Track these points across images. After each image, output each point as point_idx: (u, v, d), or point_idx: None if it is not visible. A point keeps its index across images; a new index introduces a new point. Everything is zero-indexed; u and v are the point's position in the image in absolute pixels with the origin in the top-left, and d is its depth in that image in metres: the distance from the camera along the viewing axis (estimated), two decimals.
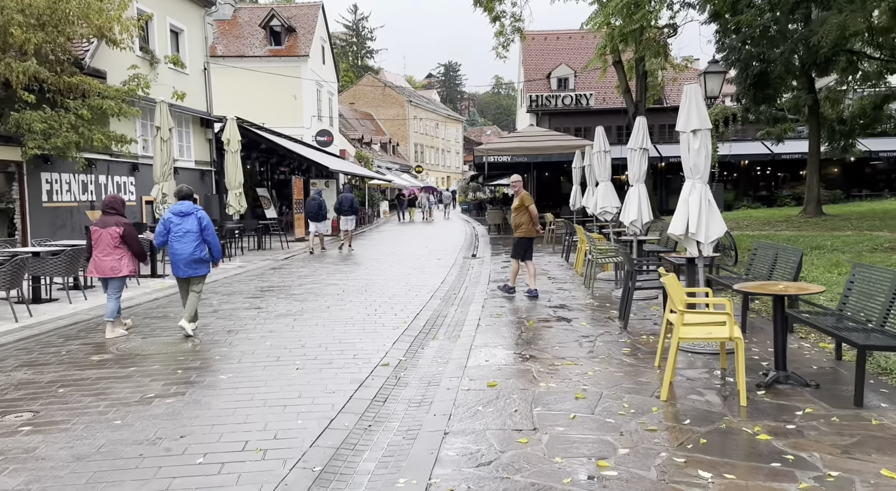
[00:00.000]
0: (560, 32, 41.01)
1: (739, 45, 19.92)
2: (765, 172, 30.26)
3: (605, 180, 10.64)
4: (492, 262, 13.91)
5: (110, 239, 6.95)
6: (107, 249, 6.96)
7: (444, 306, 8.67)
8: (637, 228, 8.57)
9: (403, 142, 66.54)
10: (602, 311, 7.93)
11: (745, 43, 19.68)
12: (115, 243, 6.96)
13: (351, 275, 11.83)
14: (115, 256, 6.97)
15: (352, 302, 8.86)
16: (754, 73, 19.67)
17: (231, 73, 32.07)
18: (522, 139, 20.42)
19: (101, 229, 6.98)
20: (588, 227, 13.75)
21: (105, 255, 6.96)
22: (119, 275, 6.99)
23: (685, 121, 5.80)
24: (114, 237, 6.95)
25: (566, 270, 11.98)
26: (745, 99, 20.73)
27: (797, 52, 19.01)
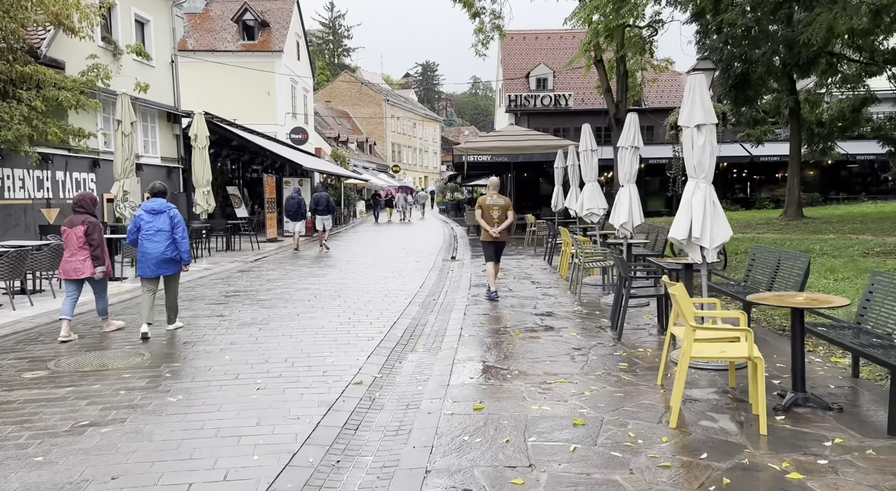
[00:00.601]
0: (539, 32, 40.72)
1: (721, 45, 19.69)
2: (742, 175, 30.25)
3: (592, 180, 10.17)
4: (472, 264, 13.37)
5: (75, 239, 6.62)
6: (72, 250, 6.64)
7: (423, 314, 8.10)
8: (628, 231, 8.08)
9: (380, 141, 65.78)
10: (592, 319, 7.43)
11: (727, 43, 19.45)
12: (81, 243, 6.63)
13: (324, 278, 11.18)
14: (80, 257, 6.63)
15: (323, 309, 8.23)
16: (736, 74, 19.46)
17: (202, 68, 31.09)
18: (503, 138, 19.94)
19: (69, 229, 6.67)
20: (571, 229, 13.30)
21: (70, 255, 6.65)
22: (81, 276, 6.64)
23: (688, 114, 5.31)
24: (79, 237, 6.63)
25: (550, 274, 11.49)
26: (726, 100, 20.52)
27: (779, 54, 18.83)
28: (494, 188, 9.06)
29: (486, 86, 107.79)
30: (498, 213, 8.84)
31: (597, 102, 36.56)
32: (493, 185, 9.10)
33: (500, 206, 8.87)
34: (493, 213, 8.84)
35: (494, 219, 8.83)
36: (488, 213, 8.87)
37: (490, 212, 8.86)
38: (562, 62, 37.98)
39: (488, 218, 8.86)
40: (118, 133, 13.11)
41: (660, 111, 34.99)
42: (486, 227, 8.86)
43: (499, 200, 8.92)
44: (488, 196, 9.03)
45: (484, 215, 8.90)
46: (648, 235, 10.93)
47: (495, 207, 8.86)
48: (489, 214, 8.86)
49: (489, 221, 8.85)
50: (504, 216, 8.86)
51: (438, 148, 79.56)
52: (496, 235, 8.84)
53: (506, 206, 8.91)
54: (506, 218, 8.86)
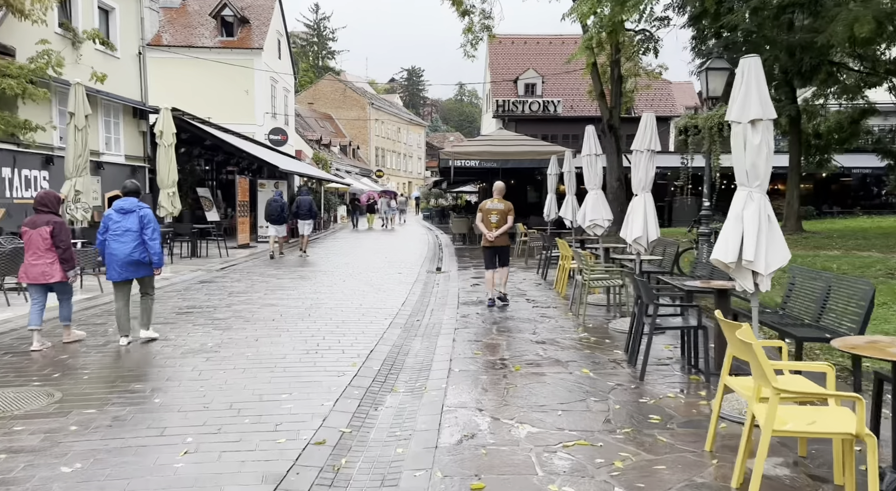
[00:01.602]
0: (528, 37, 39.94)
1: (719, 50, 18.90)
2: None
3: (596, 188, 9.13)
4: (459, 276, 12.27)
5: (41, 240, 6.24)
6: (37, 252, 6.25)
7: (405, 339, 6.97)
8: (643, 247, 7.05)
9: (364, 145, 64.60)
10: (602, 349, 6.36)
11: (727, 48, 18.66)
12: (47, 245, 6.26)
13: (294, 292, 10.00)
14: (47, 260, 6.25)
15: (288, 332, 7.06)
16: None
17: (178, 64, 29.76)
18: (492, 143, 18.91)
19: (31, 230, 6.28)
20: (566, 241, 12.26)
21: (36, 258, 6.24)
22: (51, 280, 6.25)
23: (741, 107, 4.27)
24: (44, 238, 6.24)
25: (545, 290, 10.43)
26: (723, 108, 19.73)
27: (780, 60, 18.07)
28: (499, 193, 8.90)
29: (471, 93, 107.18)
30: (496, 217, 8.68)
31: (586, 109, 35.80)
32: (497, 189, 8.95)
33: (500, 211, 8.70)
34: (492, 218, 8.70)
35: (493, 223, 8.69)
36: (487, 217, 8.75)
37: (489, 216, 8.73)
38: (551, 68, 37.19)
39: (487, 222, 8.74)
40: (70, 127, 11.86)
41: None
42: (484, 232, 8.76)
43: (499, 205, 8.75)
44: (490, 200, 8.91)
45: (483, 219, 8.80)
46: (655, 250, 9.92)
47: (494, 212, 8.71)
48: (487, 219, 8.74)
49: (487, 225, 8.73)
50: (503, 221, 8.67)
51: (423, 153, 78.57)
52: (492, 240, 8.67)
53: (505, 210, 8.72)
54: (504, 222, 8.68)
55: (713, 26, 19.49)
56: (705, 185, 10.26)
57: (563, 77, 37.28)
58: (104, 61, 16.04)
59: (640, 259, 7.39)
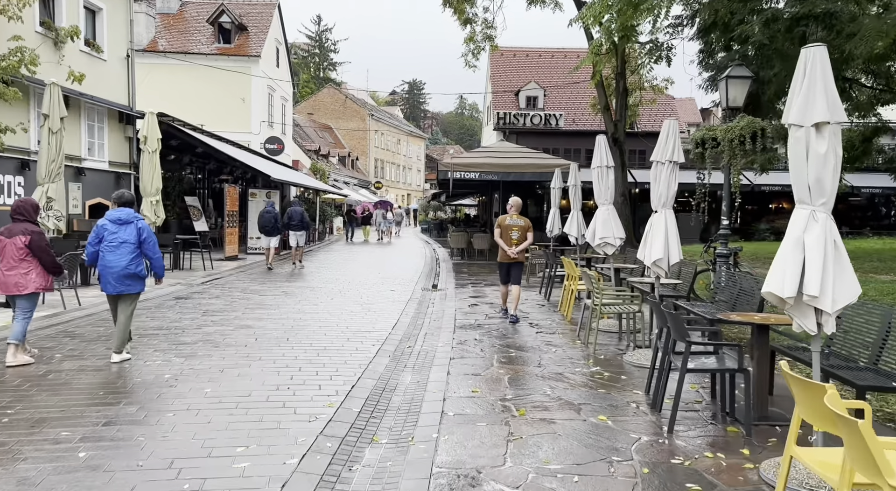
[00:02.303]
0: (530, 50, 39.46)
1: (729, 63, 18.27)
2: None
3: (607, 203, 8.35)
4: (456, 295, 11.46)
5: (15, 250, 6.06)
6: (11, 262, 6.07)
7: (393, 370, 6.15)
8: (663, 270, 6.24)
9: (363, 156, 64.03)
10: (619, 388, 5.54)
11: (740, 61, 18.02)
12: (22, 255, 6.07)
13: (276, 311, 9.17)
14: (21, 271, 6.07)
15: (260, 361, 6.22)
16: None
17: (173, 71, 29.16)
18: (493, 155, 18.18)
19: (6, 239, 6.11)
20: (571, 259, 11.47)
21: (9, 268, 6.06)
22: (25, 292, 6.05)
23: (803, 108, 3.50)
24: (19, 248, 6.07)
25: (549, 313, 9.61)
26: None
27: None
28: (516, 209, 8.91)
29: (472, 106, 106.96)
30: (517, 233, 8.75)
31: (588, 123, 35.20)
32: (514, 206, 8.94)
33: (520, 227, 8.77)
34: (512, 234, 8.76)
35: (513, 239, 8.75)
36: (507, 233, 8.79)
37: (509, 232, 8.78)
38: (553, 81, 36.63)
39: (506, 238, 8.78)
40: (45, 129, 11.15)
41: (653, 135, 33.66)
42: (504, 248, 8.77)
43: (518, 221, 8.81)
44: (508, 216, 8.92)
45: (502, 235, 8.82)
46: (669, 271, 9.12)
47: (515, 228, 8.77)
48: (507, 235, 8.78)
49: (507, 242, 8.77)
50: (523, 237, 8.76)
51: (423, 166, 78.03)
52: (514, 256, 8.74)
53: (525, 227, 8.80)
54: (525, 239, 8.77)
55: (723, 39, 18.89)
56: (724, 203, 9.50)
57: (565, 90, 36.73)
58: (89, 63, 15.32)
59: (659, 283, 6.58)
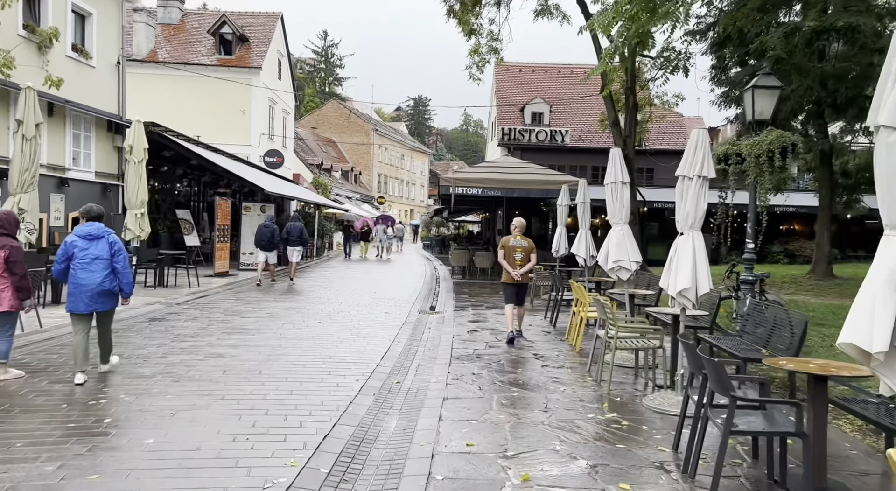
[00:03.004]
0: (536, 65, 38.99)
1: (746, 79, 17.55)
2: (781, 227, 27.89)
3: (622, 223, 7.54)
4: (455, 319, 10.61)
5: None
6: None
7: (377, 413, 5.30)
8: (689, 301, 5.41)
9: (367, 171, 63.55)
10: (640, 443, 4.68)
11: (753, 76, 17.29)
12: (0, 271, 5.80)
13: (255, 336, 8.34)
14: None
15: (223, 400, 5.38)
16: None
17: (173, 82, 28.64)
18: (497, 170, 17.43)
19: None
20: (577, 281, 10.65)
21: None
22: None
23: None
24: None
25: (556, 342, 8.75)
26: None
27: (812, 90, 16.69)
28: (520, 229, 8.77)
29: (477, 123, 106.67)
30: (521, 254, 8.61)
31: (595, 140, 34.53)
32: (518, 227, 8.79)
33: (524, 248, 8.64)
34: (516, 255, 8.61)
35: (517, 261, 8.60)
36: (511, 254, 8.62)
37: (513, 253, 8.62)
38: (559, 97, 36.04)
39: (510, 260, 8.62)
40: (18, 136, 10.42)
41: (661, 153, 32.90)
42: (509, 269, 8.61)
43: (522, 242, 8.66)
44: (512, 237, 8.76)
45: (506, 256, 8.64)
46: None
47: (518, 249, 8.62)
48: (511, 256, 8.61)
49: (511, 263, 8.61)
50: (527, 258, 8.63)
51: (426, 181, 77.46)
52: (518, 278, 8.56)
53: (529, 248, 8.68)
54: (528, 260, 8.63)
55: (737, 53, 18.21)
56: (749, 225, 8.68)
57: (572, 106, 36.12)
58: (76, 69, 14.70)
59: (685, 316, 5.74)
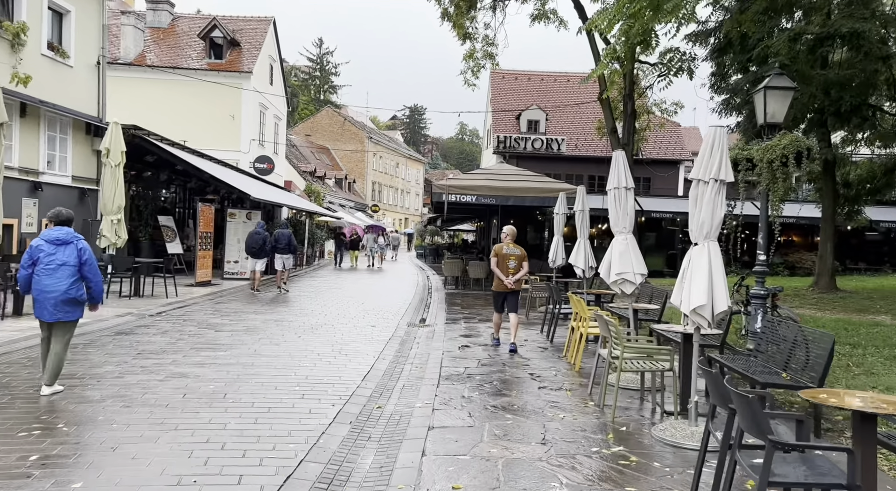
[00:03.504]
0: (532, 73, 38.59)
1: (748, 86, 17.10)
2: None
3: (626, 232, 6.95)
4: (446, 333, 9.98)
5: None
6: None
7: (352, 446, 4.66)
8: (705, 320, 4.81)
9: (361, 179, 62.99)
10: (653, 484, 4.04)
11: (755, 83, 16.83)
12: None
13: (225, 354, 7.67)
14: None
15: (176, 430, 4.72)
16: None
17: (161, 86, 28.08)
18: (492, 177, 16.86)
19: None
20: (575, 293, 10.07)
21: None
22: None
23: None
24: None
25: (553, 360, 8.13)
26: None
27: (815, 98, 16.23)
28: (511, 237, 8.83)
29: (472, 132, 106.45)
30: (514, 262, 8.65)
31: (591, 149, 34.08)
32: (510, 235, 8.86)
33: (517, 256, 8.68)
34: (509, 263, 8.64)
35: (510, 269, 8.63)
36: (504, 262, 8.66)
37: (506, 262, 8.65)
38: (556, 105, 35.61)
39: (504, 268, 8.65)
40: None
41: (658, 163, 32.46)
42: (502, 277, 8.64)
43: (515, 250, 8.72)
44: (504, 245, 8.80)
45: (499, 264, 8.68)
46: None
47: (512, 257, 8.67)
48: (504, 264, 8.65)
49: (504, 271, 8.64)
50: (520, 266, 8.67)
51: (421, 190, 76.96)
52: (511, 286, 8.59)
53: (522, 256, 8.72)
54: (521, 268, 8.67)
55: (738, 60, 17.78)
56: (760, 235, 8.12)
57: (568, 115, 35.70)
58: (52, 69, 14.08)
59: (700, 335, 5.13)
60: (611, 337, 5.83)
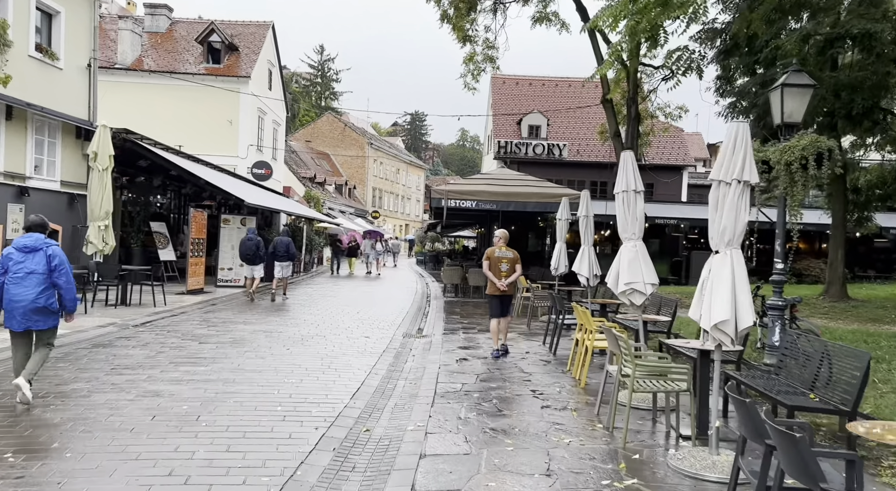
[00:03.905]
0: (533, 78, 38.22)
1: (755, 88, 16.66)
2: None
3: (635, 238, 6.47)
4: (444, 344, 9.49)
5: None
6: None
7: (331, 479, 4.17)
8: (728, 337, 4.32)
9: (361, 185, 62.62)
10: None
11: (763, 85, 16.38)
12: None
13: (205, 369, 7.18)
14: None
15: (137, 460, 4.23)
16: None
17: (158, 91, 27.74)
18: (492, 182, 16.39)
19: None
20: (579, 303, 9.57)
21: None
22: None
23: None
24: None
25: (556, 374, 7.63)
26: None
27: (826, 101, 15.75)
28: (504, 241, 8.77)
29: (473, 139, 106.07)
30: (507, 266, 8.61)
31: (594, 154, 33.64)
32: (502, 238, 8.80)
33: (509, 259, 8.64)
34: (502, 266, 8.60)
35: (502, 272, 8.58)
36: (496, 265, 8.62)
37: (499, 265, 8.61)
38: (557, 110, 35.19)
39: (496, 271, 8.60)
40: None
41: (661, 168, 31.96)
42: (494, 280, 8.57)
43: (507, 253, 8.68)
44: (497, 248, 8.74)
45: (492, 268, 8.63)
46: None
47: (504, 260, 8.62)
48: (497, 267, 8.61)
49: (497, 274, 8.58)
50: (512, 269, 8.62)
51: (422, 196, 76.56)
52: (504, 289, 8.55)
53: (514, 259, 8.67)
54: (514, 271, 8.63)
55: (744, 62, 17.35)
56: (777, 242, 7.63)
57: (569, 120, 35.28)
58: (41, 71, 13.67)
59: (720, 353, 4.64)
60: (620, 353, 5.34)
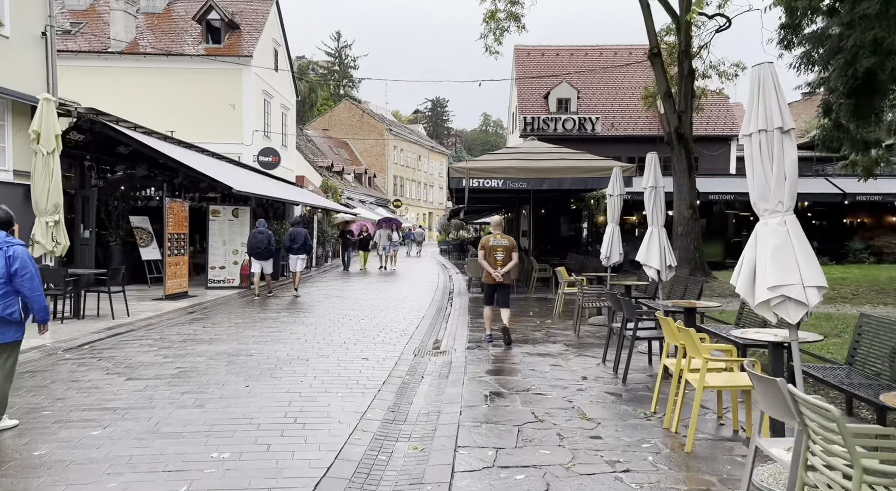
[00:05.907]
0: (561, 48, 35.24)
1: (839, 31, 13.68)
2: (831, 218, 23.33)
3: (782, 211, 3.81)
4: (467, 367, 6.98)
5: None
6: None
7: None
8: None
9: (381, 173, 60.33)
10: None
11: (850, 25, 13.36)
12: None
13: (104, 431, 4.80)
14: None
15: None
16: (861, 73, 13.33)
17: (155, 75, 25.66)
18: (521, 157, 13.75)
19: None
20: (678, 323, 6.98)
21: None
22: None
23: None
24: None
25: (635, 421, 5.06)
26: (841, 112, 14.36)
27: None
28: (498, 228, 8.59)
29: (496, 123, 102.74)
30: (502, 254, 8.32)
31: (630, 127, 30.66)
32: (496, 225, 8.64)
33: (504, 248, 8.34)
34: (497, 255, 8.32)
35: (498, 261, 8.31)
36: (492, 254, 8.36)
37: (494, 253, 8.34)
38: (588, 81, 32.17)
39: (491, 260, 8.34)
40: None
41: (706, 140, 28.71)
42: (490, 270, 8.31)
43: (503, 241, 8.39)
44: (492, 236, 8.49)
45: (487, 257, 8.36)
46: None
47: (499, 248, 8.34)
48: (492, 256, 8.35)
49: (492, 264, 8.32)
50: (508, 258, 8.31)
51: (445, 183, 73.96)
52: (499, 279, 8.23)
53: (510, 247, 8.36)
54: (510, 259, 8.30)
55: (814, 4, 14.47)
56: None
57: (603, 91, 32.30)
58: None
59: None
60: (806, 427, 2.75)
